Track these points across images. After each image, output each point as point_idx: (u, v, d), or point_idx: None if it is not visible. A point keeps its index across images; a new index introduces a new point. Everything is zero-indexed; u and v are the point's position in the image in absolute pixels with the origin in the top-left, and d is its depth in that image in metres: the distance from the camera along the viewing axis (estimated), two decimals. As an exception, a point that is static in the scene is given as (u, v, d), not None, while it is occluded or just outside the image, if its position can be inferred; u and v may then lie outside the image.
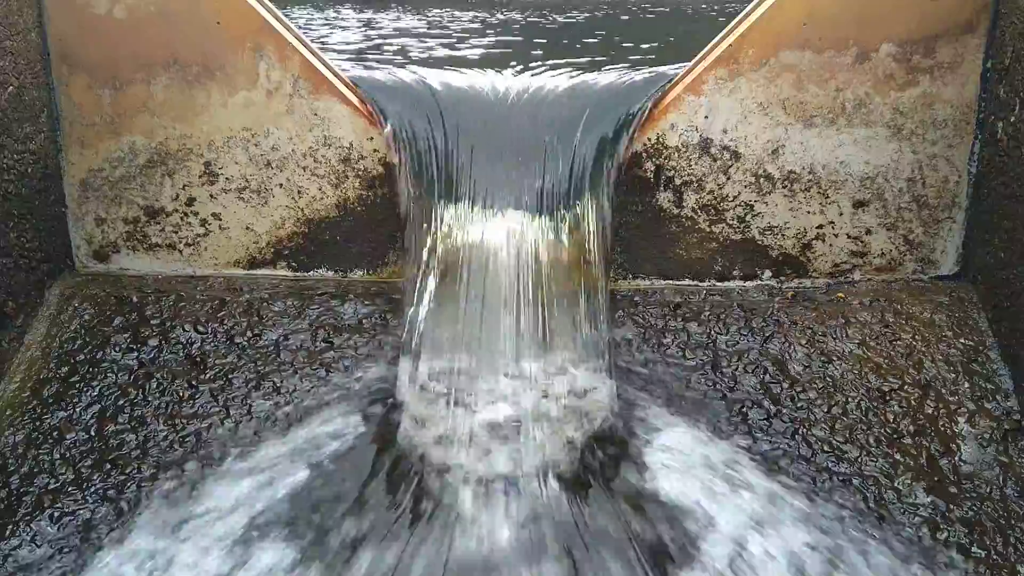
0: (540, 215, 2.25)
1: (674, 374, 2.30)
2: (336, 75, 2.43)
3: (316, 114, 2.43)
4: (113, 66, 2.38)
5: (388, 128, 2.35)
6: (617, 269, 2.53)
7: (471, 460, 2.02)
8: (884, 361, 2.27)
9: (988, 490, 2.00)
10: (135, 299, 2.43)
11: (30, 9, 2.30)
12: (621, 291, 2.50)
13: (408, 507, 1.95)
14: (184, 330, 2.36)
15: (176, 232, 2.52)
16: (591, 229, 2.27)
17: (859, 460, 2.08)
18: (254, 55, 2.38)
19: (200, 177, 2.48)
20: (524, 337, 2.15)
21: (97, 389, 2.22)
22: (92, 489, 2.02)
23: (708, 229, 2.50)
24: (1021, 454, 2.05)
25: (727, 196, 2.47)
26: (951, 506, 1.98)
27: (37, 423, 2.13)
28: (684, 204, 2.48)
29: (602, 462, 2.07)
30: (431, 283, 2.18)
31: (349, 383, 2.26)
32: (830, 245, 2.49)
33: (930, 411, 2.16)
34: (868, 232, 2.48)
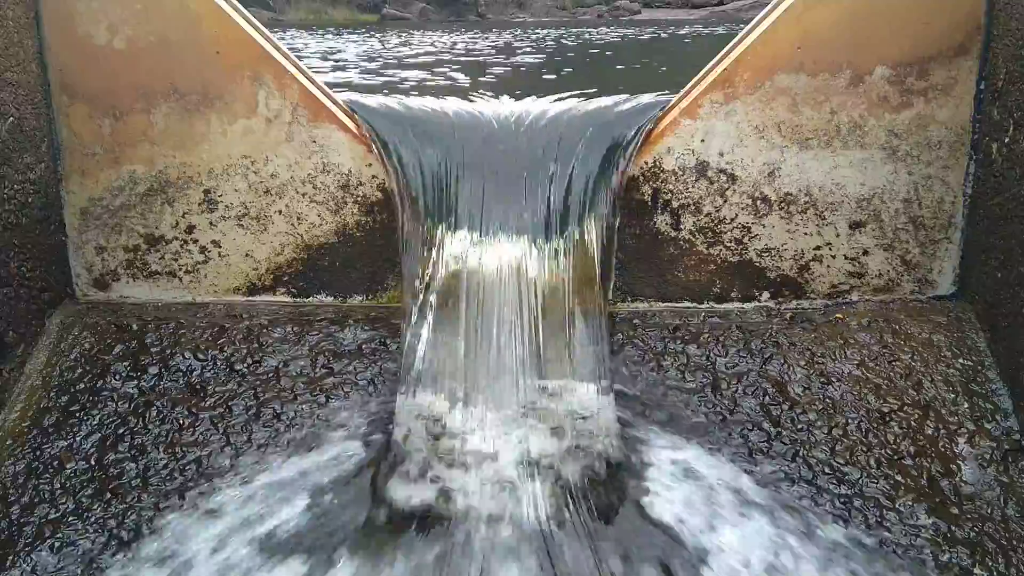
0: (538, 239, 2.26)
1: (674, 397, 2.30)
2: (335, 102, 2.44)
3: (315, 141, 2.45)
4: (113, 96, 2.40)
5: (383, 153, 2.37)
6: (615, 292, 2.54)
7: (472, 486, 2.01)
8: (883, 382, 2.27)
9: (989, 511, 2.00)
10: (135, 327, 2.43)
11: (30, 40, 2.32)
12: (620, 314, 2.51)
13: (408, 535, 1.94)
14: (184, 357, 2.36)
15: (176, 260, 2.53)
16: (589, 253, 2.28)
17: (860, 482, 2.08)
18: (253, 84, 2.39)
19: (200, 205, 2.49)
20: (523, 361, 2.15)
21: (97, 418, 2.22)
22: (93, 519, 2.01)
23: (706, 251, 2.51)
24: (1022, 474, 2.05)
25: (724, 218, 2.48)
26: (953, 527, 1.98)
27: (37, 453, 2.13)
28: (682, 227, 2.49)
29: (603, 485, 2.07)
30: (430, 308, 2.19)
31: (349, 409, 2.26)
32: (827, 266, 2.50)
33: (930, 432, 2.16)
34: (865, 253, 2.49)
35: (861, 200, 2.45)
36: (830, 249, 2.49)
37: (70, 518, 2.01)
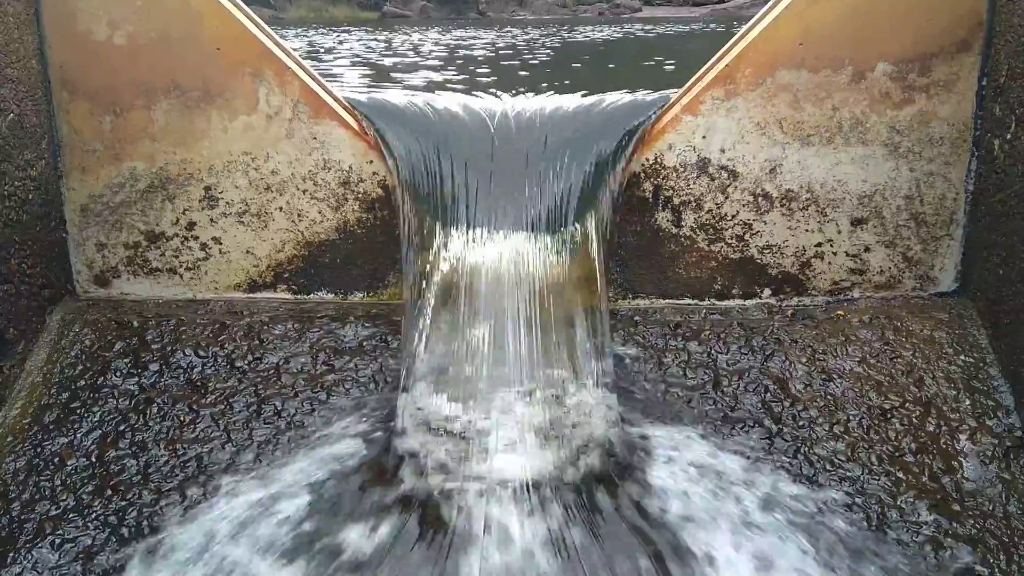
0: (539, 236, 2.26)
1: (675, 394, 2.30)
2: (335, 99, 2.44)
3: (315, 138, 2.44)
4: (113, 92, 2.40)
5: (384, 150, 2.37)
6: (616, 289, 2.54)
7: (474, 482, 2.01)
8: (885, 379, 2.27)
9: (991, 507, 2.00)
10: (136, 324, 2.43)
11: (30, 37, 2.31)
12: (621, 311, 2.51)
13: (409, 531, 1.94)
14: (185, 354, 2.36)
15: (176, 256, 2.53)
16: (590, 250, 2.28)
17: (861, 479, 2.07)
18: (254, 80, 2.39)
19: (200, 201, 2.49)
20: (524, 358, 2.15)
21: (98, 415, 2.21)
22: (93, 515, 2.01)
23: (707, 248, 2.50)
24: (1023, 471, 2.05)
25: (725, 215, 2.48)
26: (954, 524, 1.97)
27: (38, 449, 2.13)
28: (683, 223, 2.49)
29: (605, 481, 2.07)
30: (430, 305, 2.19)
31: (350, 406, 2.26)
32: (829, 263, 2.50)
33: (931, 428, 2.16)
34: (867, 250, 2.48)
35: (863, 197, 2.44)
36: (831, 246, 2.49)
37: (71, 515, 2.01)
